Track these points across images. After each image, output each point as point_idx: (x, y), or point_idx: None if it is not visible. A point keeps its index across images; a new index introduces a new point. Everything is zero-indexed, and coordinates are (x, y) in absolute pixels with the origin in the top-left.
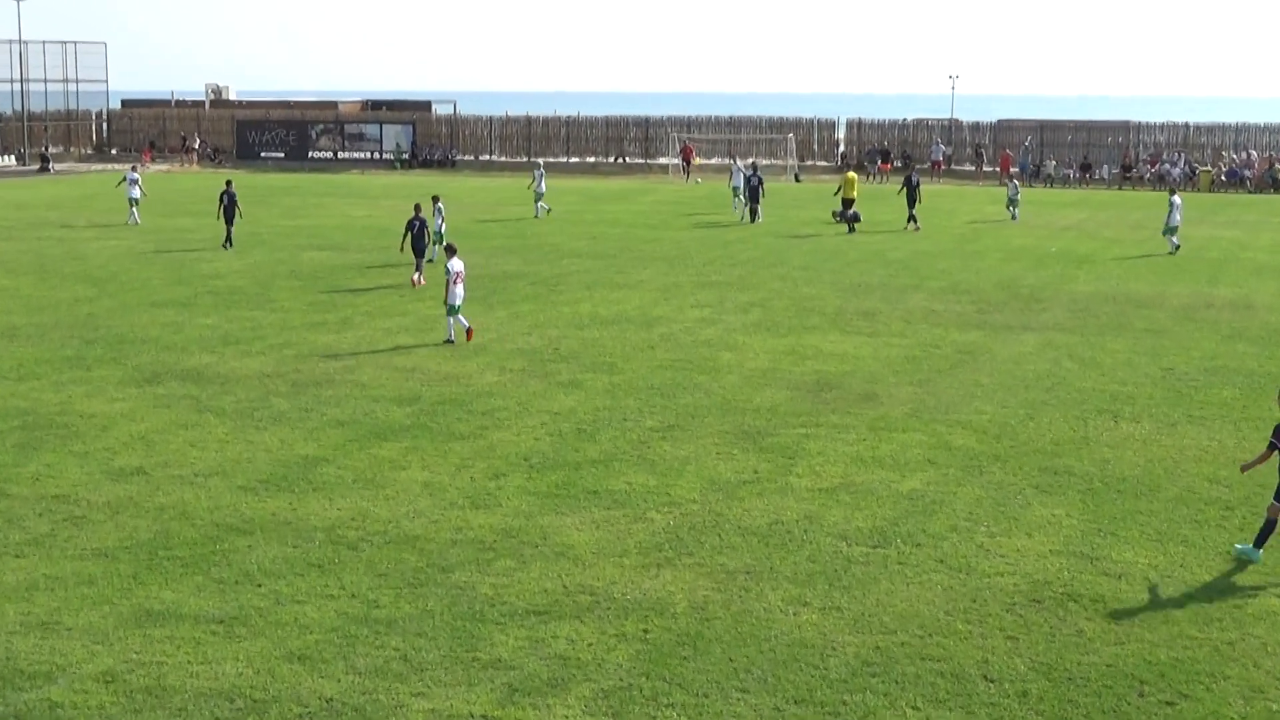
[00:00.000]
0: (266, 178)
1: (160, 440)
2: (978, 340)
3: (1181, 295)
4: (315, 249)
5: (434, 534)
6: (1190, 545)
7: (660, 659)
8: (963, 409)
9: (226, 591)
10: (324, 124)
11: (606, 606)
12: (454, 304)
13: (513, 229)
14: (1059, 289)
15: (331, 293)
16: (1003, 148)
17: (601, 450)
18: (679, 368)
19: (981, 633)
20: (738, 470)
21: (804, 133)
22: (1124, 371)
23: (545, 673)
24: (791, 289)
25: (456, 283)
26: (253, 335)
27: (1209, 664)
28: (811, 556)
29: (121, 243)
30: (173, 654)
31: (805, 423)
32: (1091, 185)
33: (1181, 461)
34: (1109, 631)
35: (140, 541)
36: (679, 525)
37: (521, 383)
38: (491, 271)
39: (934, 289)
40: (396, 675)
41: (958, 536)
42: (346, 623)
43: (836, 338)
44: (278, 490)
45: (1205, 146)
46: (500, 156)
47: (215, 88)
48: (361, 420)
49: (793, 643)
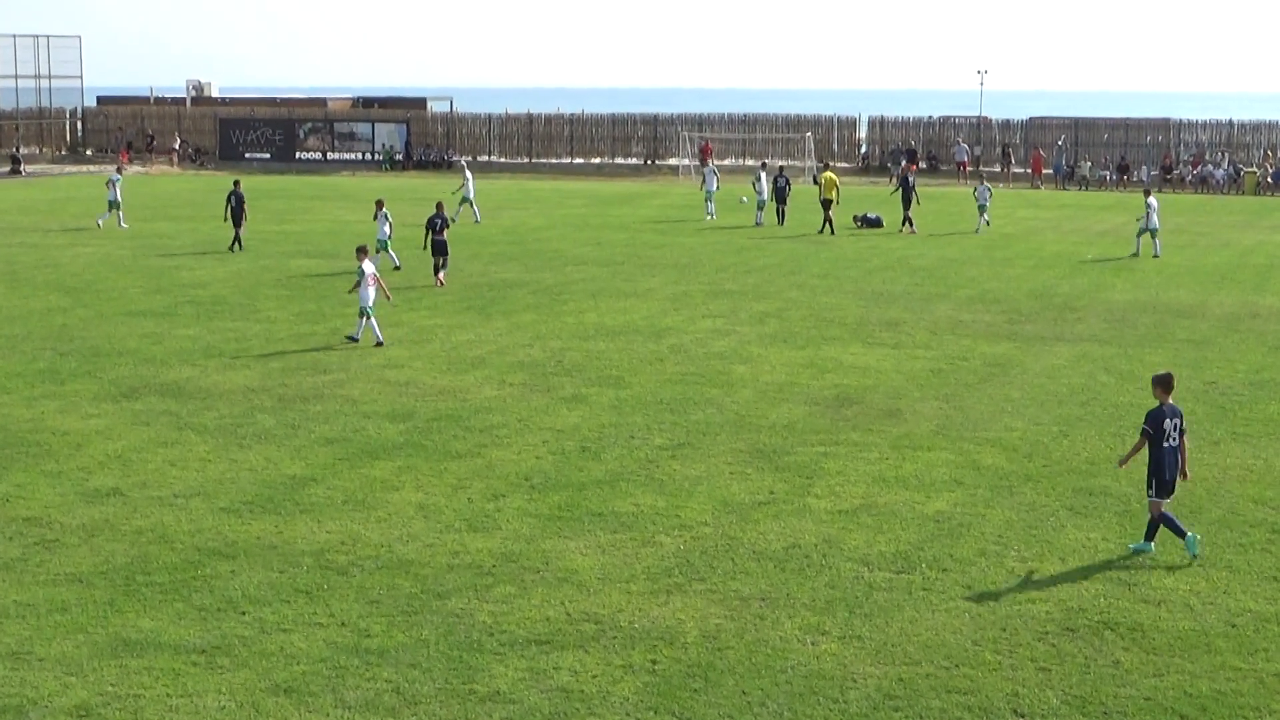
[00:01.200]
0: (251, 180)
1: (138, 459)
2: (1008, 352)
3: (1225, 304)
4: (303, 256)
5: (429, 558)
6: (1234, 570)
7: (669, 691)
8: (992, 426)
9: (208, 620)
10: (312, 123)
11: (612, 636)
12: (366, 306)
13: (512, 235)
14: (1094, 298)
15: (320, 302)
16: (1034, 147)
17: (607, 470)
18: (690, 381)
19: (1011, 664)
20: (752, 491)
21: (823, 131)
22: None
23: (547, 707)
24: (810, 298)
25: (369, 285)
26: (237, 347)
27: (1254, 697)
28: (830, 582)
29: (97, 249)
30: (151, 686)
31: (824, 440)
32: (1129, 188)
33: (1225, 481)
34: (1147, 663)
35: (116, 566)
36: (690, 549)
37: (522, 398)
38: (490, 280)
39: (962, 298)
40: (389, 709)
41: (986, 561)
42: (335, 653)
43: (858, 350)
44: (263, 512)
45: (1251, 146)
46: (499, 157)
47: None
48: (352, 438)
49: (810, 674)
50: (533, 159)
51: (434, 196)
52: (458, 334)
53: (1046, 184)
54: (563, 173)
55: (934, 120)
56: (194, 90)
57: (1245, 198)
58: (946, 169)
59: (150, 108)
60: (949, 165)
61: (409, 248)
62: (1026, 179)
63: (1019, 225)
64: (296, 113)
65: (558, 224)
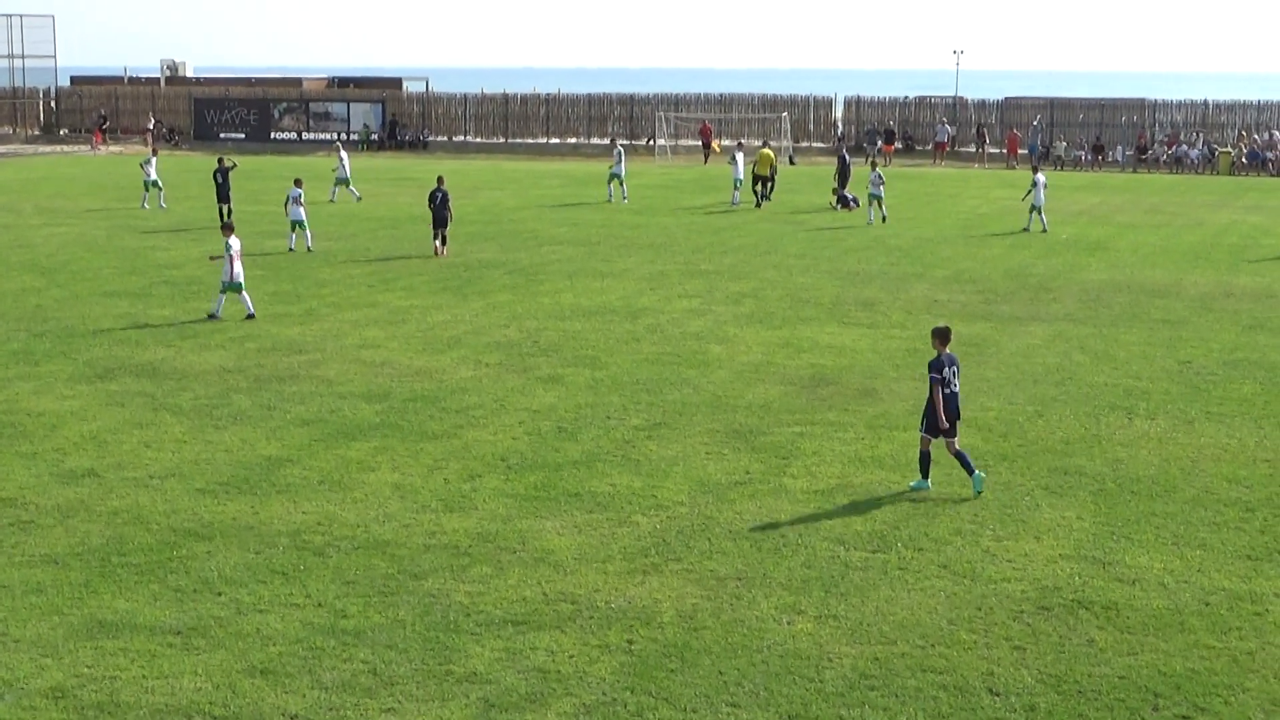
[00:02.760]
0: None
1: (113, 440)
2: (984, 332)
3: (1200, 284)
4: (279, 236)
5: (405, 539)
6: (1208, 549)
7: (646, 671)
8: (968, 405)
9: (184, 601)
10: (287, 102)
11: (589, 616)
12: (237, 281)
13: (488, 215)
14: (1070, 278)
15: (296, 283)
16: (1010, 127)
17: (584, 450)
18: (666, 362)
19: (987, 643)
20: (728, 471)
21: (799, 111)
22: (1139, 365)
23: (523, 687)
24: (786, 278)
25: (235, 261)
26: (212, 328)
27: (1227, 675)
28: (807, 562)
29: (71, 230)
30: (127, 667)
31: (800, 420)
32: (1105, 168)
33: (1199, 461)
34: (1122, 641)
35: (92, 548)
36: (666, 529)
37: (498, 378)
38: (467, 260)
39: (937, 278)
40: (365, 690)
41: (962, 540)
42: (312, 634)
43: (834, 330)
44: (238, 493)
45: (1225, 126)
46: (475, 137)
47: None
48: (328, 418)
49: (787, 654)
50: (509, 139)
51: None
52: (434, 314)
53: (1022, 164)
54: (539, 153)
55: (910, 100)
56: (168, 70)
57: (1220, 178)
58: (922, 149)
59: (124, 88)
60: (924, 146)
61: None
62: (1002, 159)
63: (994, 205)
64: (271, 93)
65: (533, 204)
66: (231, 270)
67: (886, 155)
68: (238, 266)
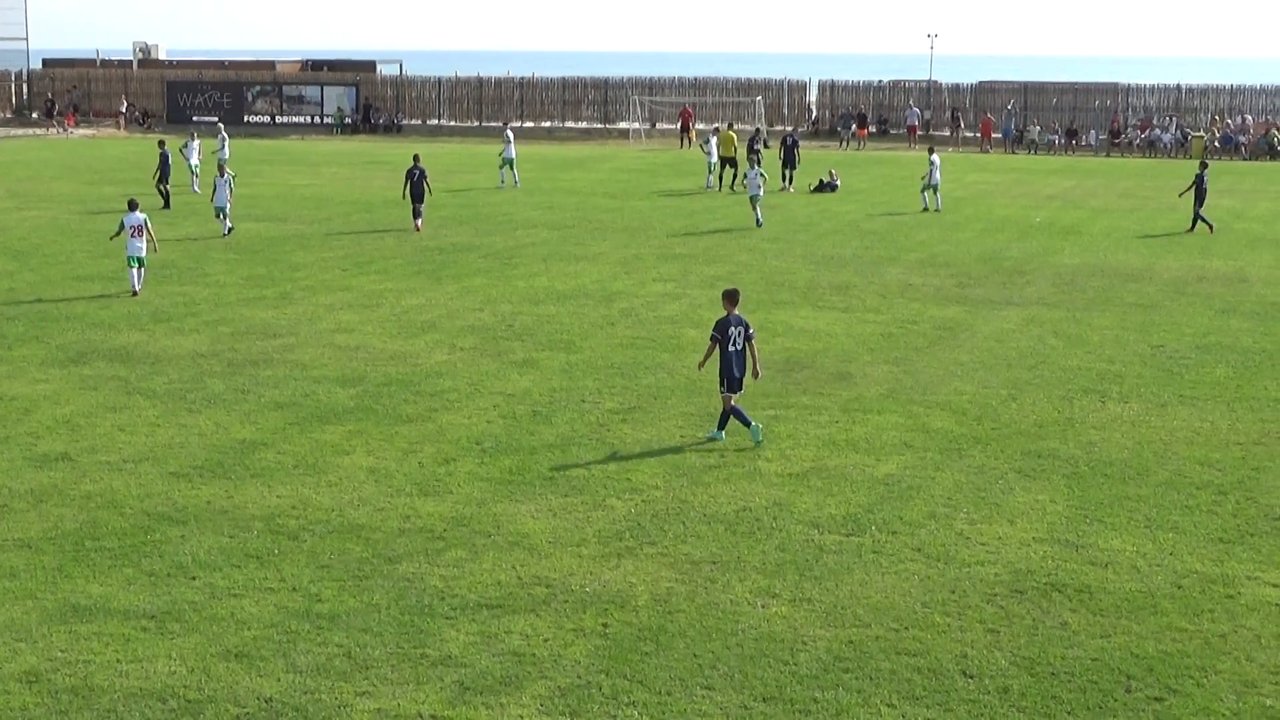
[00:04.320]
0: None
1: (86, 424)
2: (957, 316)
3: (1172, 268)
4: (252, 220)
5: (380, 523)
6: (1181, 532)
7: (620, 655)
8: (941, 389)
9: (158, 585)
10: (261, 85)
11: (563, 599)
12: (136, 255)
13: (463, 198)
14: (1043, 261)
15: (270, 266)
16: (984, 111)
17: (558, 433)
18: (640, 345)
19: (960, 625)
20: (703, 454)
21: (773, 95)
22: (1112, 349)
23: (498, 670)
24: (760, 261)
25: (134, 235)
26: (185, 312)
27: (1199, 657)
28: (781, 545)
29: (43, 214)
30: (100, 652)
31: (774, 404)
32: (1078, 152)
33: (1172, 444)
34: (1095, 624)
35: (65, 532)
36: (640, 513)
37: (473, 362)
38: (440, 244)
39: (911, 262)
40: (340, 673)
41: (936, 524)
42: (286, 618)
43: (808, 313)
44: (212, 477)
45: (1198, 110)
46: (449, 120)
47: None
48: (302, 402)
49: (761, 637)
50: (482, 123)
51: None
52: (408, 298)
53: (996, 148)
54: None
55: (884, 84)
56: (141, 53)
57: (1192, 162)
58: (896, 133)
59: (97, 70)
60: (899, 129)
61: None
62: (976, 143)
63: (968, 189)
64: (244, 75)
65: (508, 188)
66: (130, 245)
67: (860, 139)
68: (139, 241)
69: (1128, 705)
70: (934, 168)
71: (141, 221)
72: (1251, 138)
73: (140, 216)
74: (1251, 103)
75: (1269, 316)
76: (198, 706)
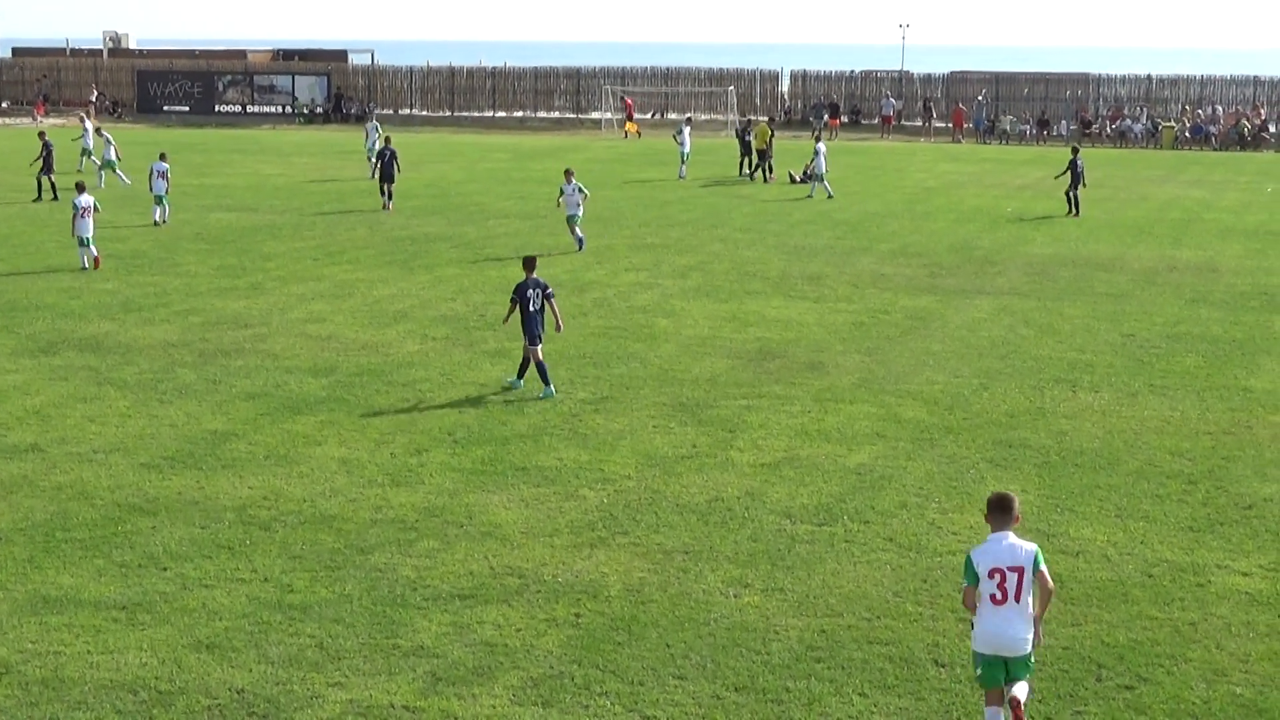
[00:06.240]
0: (170, 133)
1: (56, 415)
2: (929, 306)
3: (1143, 258)
4: (223, 210)
5: (352, 513)
6: (1151, 521)
7: (593, 645)
8: (913, 379)
9: (129, 576)
10: (232, 75)
11: (536, 589)
12: (84, 235)
13: (435, 188)
14: (1015, 251)
15: (241, 256)
16: (956, 102)
17: (530, 424)
18: (612, 335)
19: (932, 615)
20: (675, 444)
21: (746, 85)
22: (1083, 338)
23: (471, 660)
24: (732, 251)
25: (83, 216)
26: (156, 302)
27: (1170, 646)
28: (753, 535)
29: (12, 205)
30: (71, 643)
31: (747, 394)
32: (1049, 142)
33: (1142, 433)
34: (1065, 613)
35: (36, 523)
36: (613, 503)
37: (445, 352)
38: (413, 234)
39: (883, 252)
40: (312, 664)
41: (908, 513)
42: (258, 608)
43: (780, 303)
44: (184, 467)
45: (1169, 100)
46: (421, 110)
47: (114, 35)
48: (273, 392)
49: (733, 626)
50: (455, 112)
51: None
52: (380, 288)
53: (967, 138)
54: (485, 126)
55: (856, 74)
56: (111, 42)
57: (1163, 152)
58: (868, 123)
59: (67, 59)
60: (870, 120)
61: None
62: (948, 133)
63: (940, 179)
64: (216, 65)
65: (480, 177)
66: (77, 225)
67: (832, 130)
68: (86, 221)
69: (1098, 694)
70: (819, 156)
71: (91, 203)
72: (1221, 128)
73: (89, 199)
74: (1221, 93)
75: (1238, 306)
76: (169, 698)
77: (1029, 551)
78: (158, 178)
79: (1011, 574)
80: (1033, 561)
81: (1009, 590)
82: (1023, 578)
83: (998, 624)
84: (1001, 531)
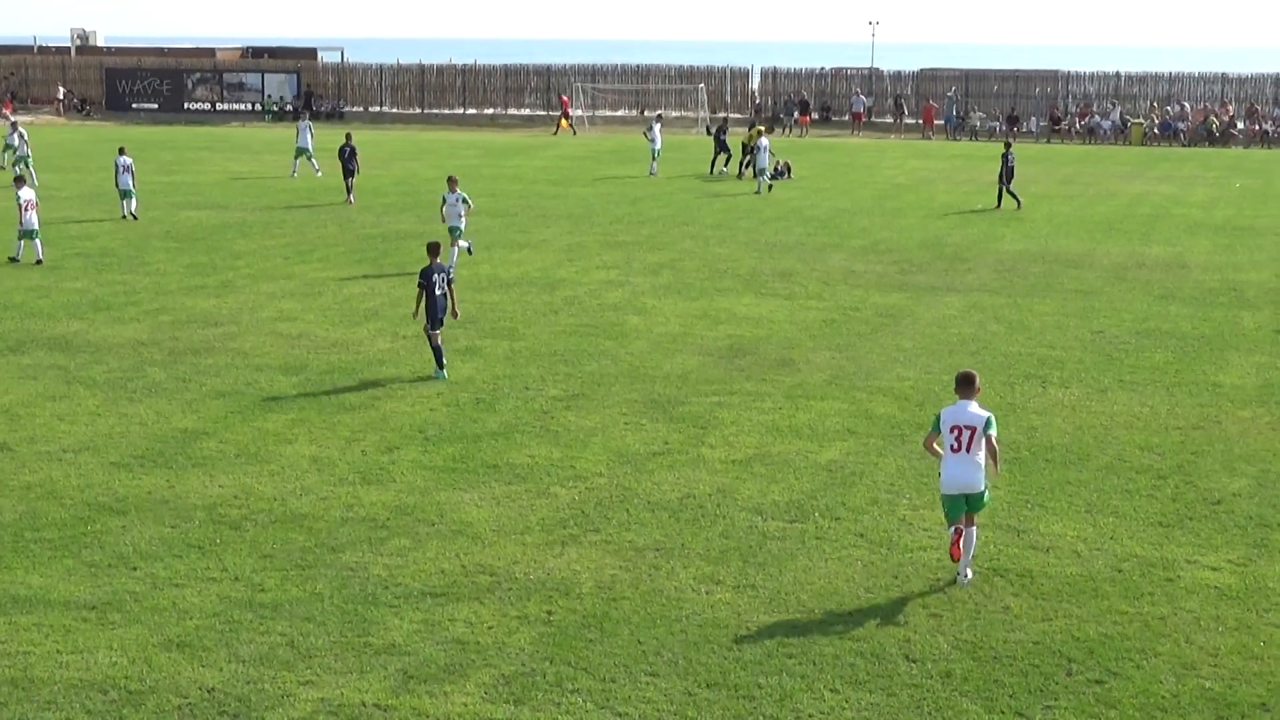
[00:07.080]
0: (139, 130)
1: (25, 414)
2: (900, 302)
3: (1112, 254)
4: (193, 208)
5: (323, 512)
6: (1121, 516)
7: (565, 642)
8: (884, 375)
9: (99, 575)
10: (201, 73)
11: (508, 587)
12: (32, 229)
13: (405, 186)
14: (985, 248)
15: (211, 254)
16: (926, 98)
17: (501, 421)
18: (584, 333)
19: (903, 611)
20: (646, 441)
21: (716, 83)
22: (1052, 334)
23: (442, 658)
24: (703, 249)
25: (28, 210)
26: (125, 300)
27: (1139, 640)
28: (725, 532)
29: None
30: (40, 643)
31: (718, 391)
32: (1019, 139)
33: (1112, 429)
34: (1036, 608)
35: (4, 523)
36: (584, 500)
37: (416, 350)
38: (383, 231)
39: (854, 248)
40: (283, 663)
41: (879, 510)
42: (229, 607)
43: (751, 300)
44: (154, 466)
45: (1138, 97)
46: (391, 108)
47: (81, 32)
48: (244, 391)
49: (705, 623)
50: (425, 110)
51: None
52: (350, 286)
53: (937, 135)
54: (455, 124)
55: (826, 71)
56: (79, 39)
57: (1132, 148)
58: (839, 120)
59: (34, 57)
60: (840, 117)
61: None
62: (918, 130)
63: (910, 176)
64: (185, 63)
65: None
66: (24, 219)
67: (803, 127)
68: (30, 215)
69: (1069, 688)
70: (761, 150)
71: (32, 197)
72: (1190, 124)
73: (30, 192)
74: (1190, 90)
75: (1207, 302)
76: (139, 697)
77: (983, 416)
78: (123, 172)
79: (966, 431)
80: (984, 424)
81: (964, 442)
82: (974, 434)
83: (957, 469)
84: (966, 400)
